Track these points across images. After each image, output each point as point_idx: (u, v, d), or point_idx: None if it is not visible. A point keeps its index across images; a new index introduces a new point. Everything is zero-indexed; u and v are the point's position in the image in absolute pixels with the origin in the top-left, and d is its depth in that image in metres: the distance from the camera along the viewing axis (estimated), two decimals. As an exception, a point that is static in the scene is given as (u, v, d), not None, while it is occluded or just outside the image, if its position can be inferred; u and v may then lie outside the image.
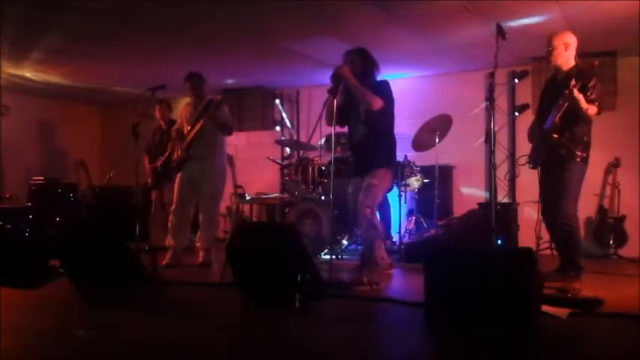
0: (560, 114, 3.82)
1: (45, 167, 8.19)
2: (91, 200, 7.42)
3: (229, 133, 5.27)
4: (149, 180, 6.26)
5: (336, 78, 4.16)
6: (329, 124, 4.28)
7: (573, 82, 3.70)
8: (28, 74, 6.99)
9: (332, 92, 4.19)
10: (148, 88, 4.83)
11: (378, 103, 4.10)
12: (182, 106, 5.59)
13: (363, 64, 4.26)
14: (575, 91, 3.67)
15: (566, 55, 3.97)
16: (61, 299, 3.84)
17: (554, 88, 4.05)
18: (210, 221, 5.25)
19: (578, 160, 3.90)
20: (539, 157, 4.08)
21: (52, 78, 7.24)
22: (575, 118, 3.83)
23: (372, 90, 4.15)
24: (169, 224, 5.23)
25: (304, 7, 4.64)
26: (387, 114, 4.22)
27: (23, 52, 5.96)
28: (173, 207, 5.23)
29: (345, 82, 4.15)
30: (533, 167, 4.19)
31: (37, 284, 4.10)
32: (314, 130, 4.35)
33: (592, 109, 3.79)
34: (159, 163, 6.02)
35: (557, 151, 3.90)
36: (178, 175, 5.21)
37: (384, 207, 5.95)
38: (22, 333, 2.90)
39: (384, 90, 4.21)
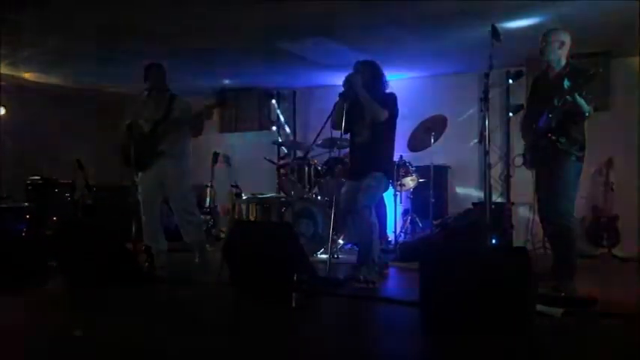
0: (555, 115, 3.83)
1: (41, 167, 8.17)
2: (88, 200, 7.42)
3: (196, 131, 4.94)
4: None
5: (349, 84, 4.26)
6: (336, 127, 4.38)
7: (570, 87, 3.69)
8: (24, 75, 6.99)
9: (344, 96, 4.28)
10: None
11: (384, 115, 4.20)
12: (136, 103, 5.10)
13: (373, 75, 4.38)
14: (577, 97, 3.69)
15: (558, 53, 3.94)
16: (58, 299, 3.86)
17: (546, 86, 4.06)
18: (190, 221, 4.92)
19: (574, 159, 3.90)
20: (535, 158, 4.08)
21: (49, 78, 7.24)
22: (570, 118, 3.85)
23: (381, 101, 4.24)
24: (143, 230, 4.87)
25: (301, 8, 4.66)
26: (390, 124, 4.33)
27: (20, 52, 5.96)
28: (142, 210, 4.82)
29: (355, 90, 4.24)
30: (529, 168, 4.20)
31: (34, 284, 4.12)
32: (320, 131, 4.39)
33: (591, 110, 3.82)
34: None
35: (553, 151, 3.92)
36: (141, 176, 4.81)
37: (380, 207, 5.96)
38: (19, 333, 2.91)
39: (390, 102, 4.31)
